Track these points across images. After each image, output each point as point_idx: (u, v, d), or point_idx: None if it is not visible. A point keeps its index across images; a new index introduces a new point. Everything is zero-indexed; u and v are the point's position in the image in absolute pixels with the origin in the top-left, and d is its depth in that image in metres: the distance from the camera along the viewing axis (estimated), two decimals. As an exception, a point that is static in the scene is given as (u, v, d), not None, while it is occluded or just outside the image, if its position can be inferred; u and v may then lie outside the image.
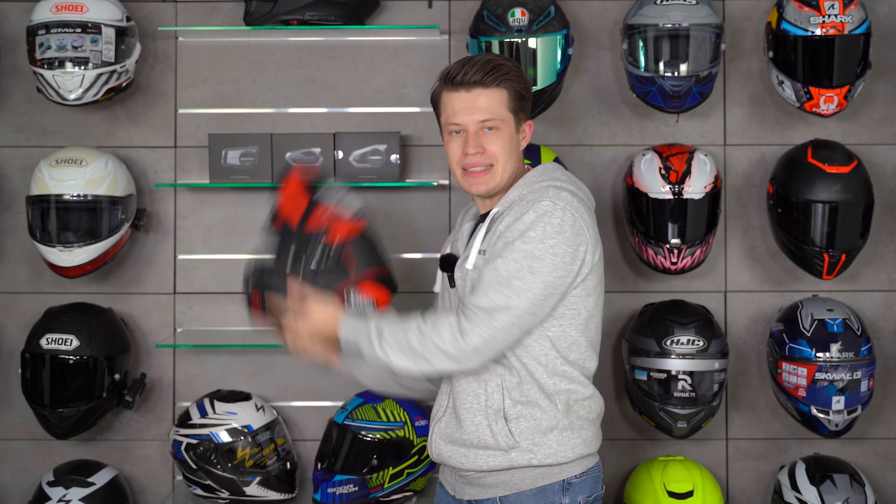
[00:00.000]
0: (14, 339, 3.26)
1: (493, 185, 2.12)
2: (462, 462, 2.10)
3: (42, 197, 3.04)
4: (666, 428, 3.05)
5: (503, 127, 2.11)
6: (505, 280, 1.99)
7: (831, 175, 3.01)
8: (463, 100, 2.10)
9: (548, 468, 2.07)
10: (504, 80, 2.10)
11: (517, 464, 2.06)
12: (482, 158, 2.10)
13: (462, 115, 2.11)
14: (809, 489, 3.01)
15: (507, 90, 2.11)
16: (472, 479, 2.12)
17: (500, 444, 2.05)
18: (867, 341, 3.02)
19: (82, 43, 3.02)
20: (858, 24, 3.00)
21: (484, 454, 2.07)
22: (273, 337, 2.18)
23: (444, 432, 2.13)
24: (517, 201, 2.09)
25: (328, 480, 2.95)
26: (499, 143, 2.10)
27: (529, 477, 2.07)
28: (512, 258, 2.00)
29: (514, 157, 2.13)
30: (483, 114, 2.09)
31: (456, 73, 2.11)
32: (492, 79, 2.09)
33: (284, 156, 3.10)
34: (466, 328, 1.99)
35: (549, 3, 3.04)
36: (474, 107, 2.09)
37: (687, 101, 3.03)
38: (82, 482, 3.07)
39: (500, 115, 2.10)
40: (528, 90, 2.16)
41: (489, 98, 2.09)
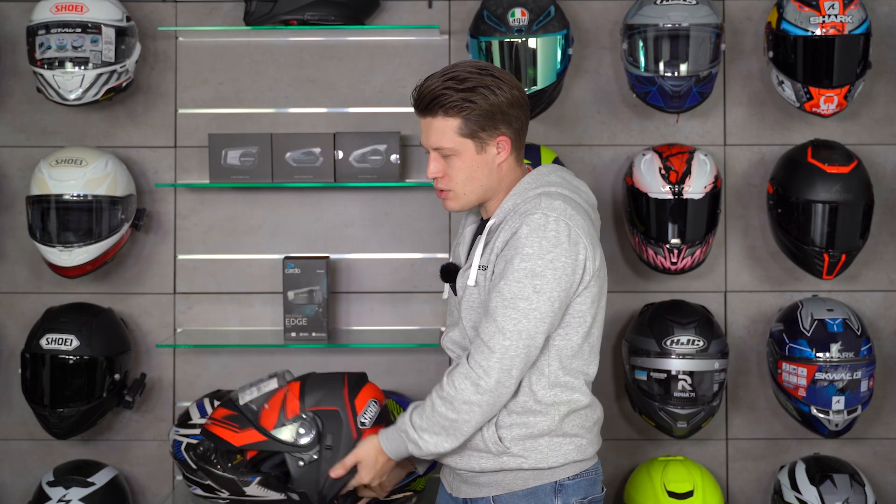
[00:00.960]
0: (14, 339, 3.26)
1: (461, 205, 2.14)
2: (457, 461, 2.13)
3: (42, 197, 3.03)
4: (666, 428, 3.05)
5: (459, 153, 2.08)
6: (511, 303, 1.98)
7: (831, 175, 3.01)
8: (422, 126, 2.12)
9: (538, 471, 2.08)
10: (450, 110, 2.05)
11: (508, 466, 2.08)
12: (440, 183, 2.13)
13: (422, 136, 2.14)
14: (809, 489, 3.01)
15: (458, 118, 2.05)
16: (467, 478, 2.15)
17: (491, 449, 2.07)
18: (867, 341, 3.01)
19: (82, 43, 3.01)
20: (858, 24, 3.00)
21: (476, 455, 2.10)
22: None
23: None
24: (511, 212, 2.08)
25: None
26: (455, 169, 2.09)
27: (521, 478, 2.08)
28: (514, 279, 1.98)
29: (479, 178, 2.10)
30: (436, 140, 2.09)
31: (414, 94, 2.11)
32: (437, 108, 2.06)
33: (284, 156, 3.10)
34: (479, 370, 2.00)
35: (549, 3, 3.04)
36: (428, 133, 2.11)
37: (687, 102, 3.03)
38: (82, 482, 3.06)
39: (452, 142, 2.07)
40: (493, 107, 2.05)
41: (438, 127, 2.08)
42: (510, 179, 2.14)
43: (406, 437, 2.08)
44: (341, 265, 3.27)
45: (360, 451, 2.14)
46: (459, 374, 2.02)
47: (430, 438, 2.05)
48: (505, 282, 1.99)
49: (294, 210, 3.30)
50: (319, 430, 2.19)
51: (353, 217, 3.29)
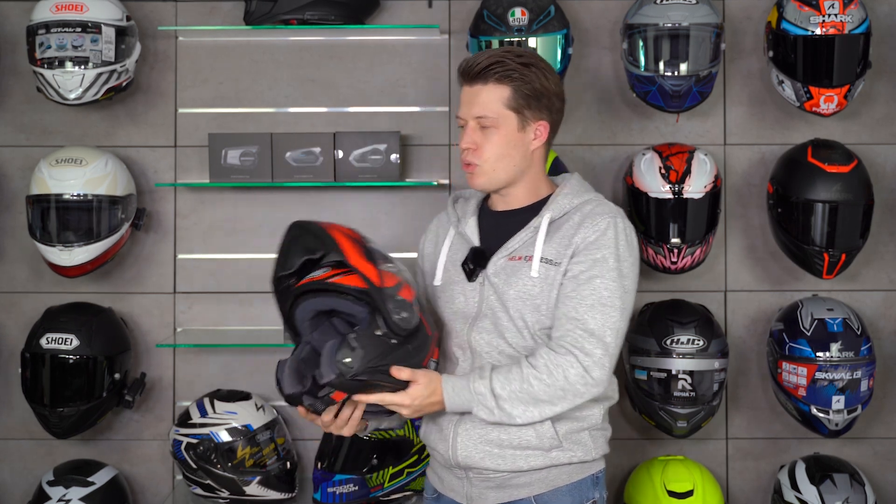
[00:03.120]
0: (14, 339, 3.26)
1: (487, 181, 2.11)
2: (497, 464, 2.05)
3: (42, 196, 3.04)
4: (666, 427, 3.05)
5: (500, 125, 2.07)
6: (609, 302, 2.00)
7: (831, 175, 3.01)
8: (466, 93, 2.11)
9: (583, 464, 2.09)
10: (505, 78, 2.06)
11: (558, 462, 2.05)
12: (472, 156, 2.09)
13: (462, 108, 2.11)
14: (809, 489, 3.01)
15: (509, 87, 2.06)
16: (503, 481, 2.08)
17: (543, 445, 2.04)
18: (867, 341, 3.01)
19: (82, 42, 3.01)
20: (858, 24, 3.00)
21: (523, 454, 2.04)
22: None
23: (474, 433, 2.07)
24: (573, 210, 2.09)
25: (328, 480, 2.95)
26: (490, 143, 2.08)
27: (566, 473, 2.07)
28: (609, 278, 2.01)
29: (512, 157, 2.10)
30: (479, 109, 2.07)
31: (464, 65, 2.10)
32: (491, 74, 2.06)
33: (284, 155, 3.11)
34: (589, 362, 1.98)
35: (548, 3, 3.04)
36: (473, 101, 2.09)
37: (687, 101, 3.03)
38: (82, 482, 3.06)
39: (495, 112, 2.07)
40: (543, 88, 2.08)
41: (487, 94, 2.07)
42: (536, 171, 2.14)
43: (480, 399, 1.99)
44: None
45: (421, 377, 1.99)
46: (565, 362, 1.98)
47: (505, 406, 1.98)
48: (602, 280, 2.00)
49: (294, 210, 3.27)
50: (416, 325, 2.00)
51: (353, 217, 3.27)
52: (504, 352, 2.07)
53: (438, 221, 2.32)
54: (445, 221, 2.28)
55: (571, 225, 2.07)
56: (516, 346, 2.06)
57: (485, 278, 2.10)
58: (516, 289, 2.06)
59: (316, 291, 2.00)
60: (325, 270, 2.01)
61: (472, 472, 2.09)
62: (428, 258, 2.27)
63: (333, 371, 1.91)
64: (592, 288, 2.00)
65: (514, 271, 2.07)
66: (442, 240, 2.24)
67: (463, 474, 2.11)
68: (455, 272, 2.16)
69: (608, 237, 2.03)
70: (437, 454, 2.16)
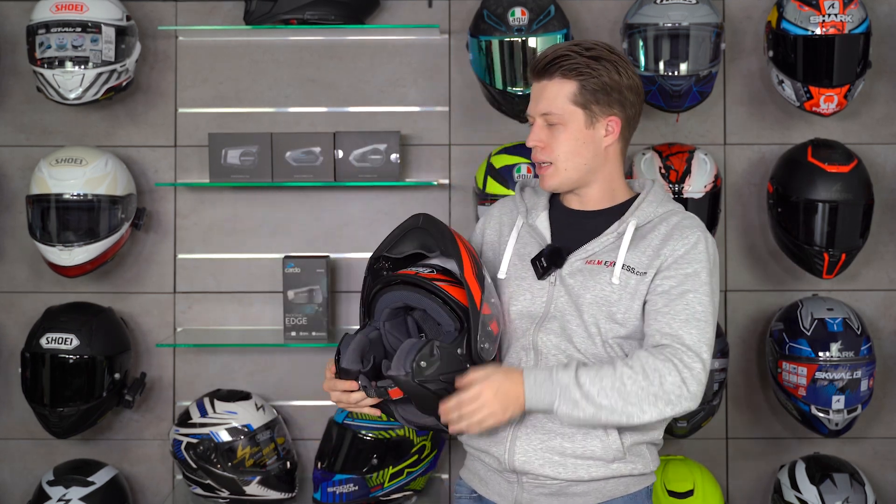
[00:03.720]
0: (14, 339, 3.26)
1: (556, 183, 2.03)
2: (558, 472, 1.96)
3: (42, 196, 3.03)
4: (666, 427, 3.02)
5: (567, 122, 1.99)
6: (703, 317, 1.92)
7: (831, 174, 3.01)
8: (533, 90, 2.04)
9: (640, 476, 2.03)
10: (570, 72, 1.98)
11: (619, 473, 1.98)
12: (541, 154, 2.02)
13: (530, 104, 2.04)
14: (809, 488, 3.01)
15: (576, 82, 1.97)
16: (557, 489, 1.98)
17: (607, 456, 1.95)
18: (867, 341, 3.02)
19: (82, 42, 3.01)
20: (858, 24, 3.00)
21: (585, 464, 1.96)
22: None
23: (534, 438, 1.97)
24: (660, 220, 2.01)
25: (328, 480, 2.95)
26: (560, 140, 2.00)
27: (623, 484, 2.00)
28: (703, 292, 1.93)
29: (583, 154, 2.00)
30: (545, 105, 2.00)
31: (532, 62, 2.04)
32: (556, 68, 1.98)
33: (284, 155, 3.10)
34: (688, 374, 1.87)
35: (549, 3, 3.04)
36: (539, 97, 2.01)
37: (687, 101, 3.02)
38: (82, 481, 3.06)
39: (562, 109, 1.99)
40: (613, 82, 1.99)
41: (552, 90, 1.99)
42: (612, 170, 2.06)
43: (564, 391, 1.85)
44: (341, 264, 3.27)
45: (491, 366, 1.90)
46: (664, 368, 1.87)
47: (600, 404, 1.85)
48: (695, 295, 1.93)
49: (294, 209, 3.30)
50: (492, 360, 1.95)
51: (353, 216, 3.29)
52: (572, 356, 1.97)
53: (503, 207, 2.20)
54: (511, 209, 2.17)
55: (658, 235, 1.99)
56: (585, 353, 1.96)
57: (557, 278, 2.01)
58: (594, 293, 1.96)
59: (415, 286, 1.95)
60: (431, 271, 1.96)
61: (526, 478, 1.99)
62: (490, 246, 2.16)
63: (405, 368, 1.85)
64: (686, 303, 1.92)
65: (592, 275, 1.98)
66: (507, 229, 2.13)
67: (515, 479, 2.01)
68: (522, 267, 2.06)
69: (699, 251, 1.96)
70: (486, 456, 2.04)
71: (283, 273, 3.09)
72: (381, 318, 2.02)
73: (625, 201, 2.07)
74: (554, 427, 1.95)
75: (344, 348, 1.96)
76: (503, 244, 2.11)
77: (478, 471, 2.10)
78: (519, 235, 2.10)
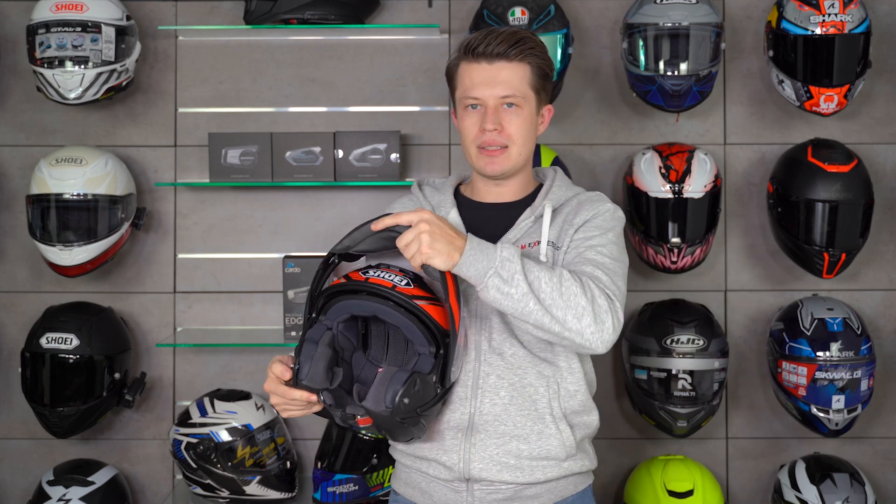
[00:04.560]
0: (14, 339, 3.27)
1: (509, 167, 2.00)
2: (515, 476, 1.93)
3: (42, 196, 3.04)
4: (666, 427, 3.05)
5: (524, 105, 1.98)
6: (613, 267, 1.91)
7: (831, 174, 3.02)
8: (484, 72, 1.96)
9: (586, 473, 2.05)
10: (529, 55, 1.97)
11: (571, 471, 1.98)
12: (499, 137, 1.96)
13: (481, 88, 1.96)
14: (810, 488, 3.01)
15: (530, 65, 1.97)
16: (512, 494, 1.95)
17: (561, 454, 1.95)
18: (867, 340, 3.02)
19: (82, 42, 3.02)
20: (858, 24, 3.00)
21: (541, 465, 1.94)
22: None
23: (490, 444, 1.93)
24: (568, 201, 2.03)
25: (328, 479, 2.95)
26: (517, 123, 1.97)
27: (572, 483, 2.01)
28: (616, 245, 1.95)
29: (531, 140, 2.01)
30: (504, 88, 1.95)
31: (478, 43, 1.96)
32: (516, 51, 1.95)
33: (284, 155, 3.11)
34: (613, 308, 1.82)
35: (549, 2, 3.05)
36: (495, 80, 1.95)
37: (687, 101, 3.03)
38: (82, 481, 3.07)
39: (522, 91, 1.97)
40: (551, 69, 2.02)
41: (511, 72, 1.96)
42: (530, 161, 2.06)
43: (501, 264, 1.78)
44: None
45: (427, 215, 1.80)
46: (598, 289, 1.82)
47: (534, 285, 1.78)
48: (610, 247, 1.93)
49: (294, 209, 3.30)
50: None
51: (354, 216, 3.27)
52: (517, 353, 1.94)
53: (402, 208, 2.13)
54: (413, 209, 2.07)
55: (570, 210, 2.01)
56: (528, 343, 1.94)
57: None
58: None
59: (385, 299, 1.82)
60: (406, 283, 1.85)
61: (478, 485, 1.95)
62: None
63: (386, 403, 1.79)
64: (602, 245, 1.92)
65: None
66: None
67: (464, 487, 1.96)
68: None
69: (605, 216, 1.99)
70: (431, 466, 1.98)
71: (283, 273, 3.08)
72: (336, 319, 1.90)
73: (532, 191, 2.09)
74: (507, 430, 1.92)
75: (306, 360, 1.85)
76: None
77: (418, 483, 2.02)
78: None
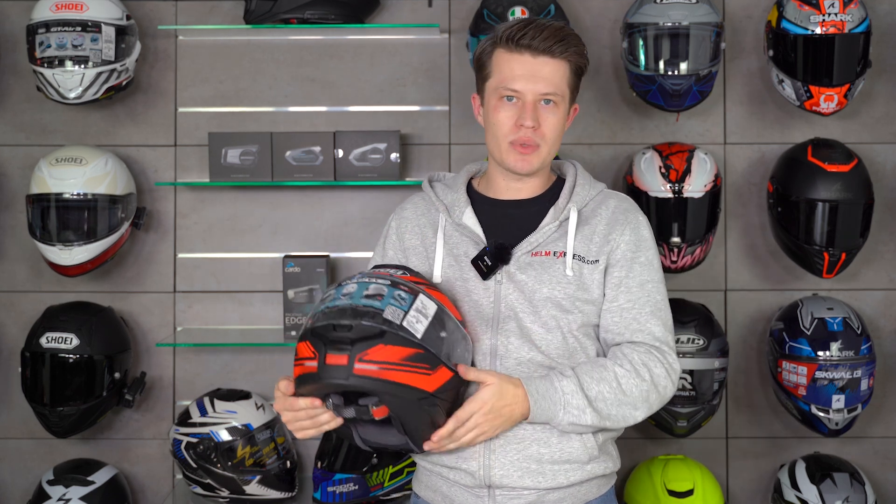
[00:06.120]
0: (14, 338, 3.27)
1: (538, 166, 1.94)
2: (538, 481, 1.88)
3: (42, 196, 3.04)
4: (666, 426, 3.06)
5: (560, 104, 1.91)
6: (663, 304, 1.94)
7: (831, 174, 3.02)
8: (526, 65, 1.88)
9: (608, 476, 2.01)
10: (572, 53, 1.90)
11: (594, 474, 1.94)
12: (534, 135, 1.90)
13: (522, 81, 1.88)
14: (810, 488, 3.02)
15: (570, 64, 1.91)
16: (535, 499, 1.90)
17: (583, 457, 1.91)
18: (867, 340, 3.02)
19: (82, 41, 3.02)
20: (858, 23, 3.01)
21: (563, 469, 1.90)
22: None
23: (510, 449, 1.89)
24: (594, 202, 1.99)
25: (328, 479, 2.95)
26: (552, 122, 1.91)
27: (595, 485, 1.97)
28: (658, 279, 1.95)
29: (560, 139, 1.96)
30: (546, 85, 1.88)
31: (521, 33, 1.88)
32: (561, 48, 1.88)
33: (284, 154, 3.11)
34: (668, 366, 1.89)
35: (549, 2, 3.05)
36: (538, 75, 1.88)
37: (687, 100, 3.04)
38: (82, 481, 3.07)
39: (562, 90, 1.90)
40: (587, 63, 1.96)
41: (554, 69, 1.89)
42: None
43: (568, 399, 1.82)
44: (341, 264, 3.27)
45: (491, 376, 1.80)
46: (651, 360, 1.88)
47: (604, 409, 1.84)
48: (653, 285, 1.94)
49: (294, 209, 3.30)
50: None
51: (353, 216, 3.30)
52: (534, 360, 1.90)
53: (416, 208, 2.07)
54: (427, 208, 2.05)
55: (601, 221, 1.96)
56: (546, 349, 1.90)
57: (503, 276, 1.92)
58: (549, 287, 1.90)
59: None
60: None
61: (500, 491, 1.90)
62: (414, 251, 2.03)
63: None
64: (647, 294, 1.92)
65: (544, 268, 1.91)
66: (430, 230, 2.02)
67: (486, 493, 1.91)
68: (459, 268, 1.95)
69: (644, 237, 1.96)
70: (453, 473, 1.93)
71: (283, 272, 3.10)
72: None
73: (551, 186, 2.02)
74: (527, 434, 1.88)
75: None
76: (430, 247, 2.01)
77: (439, 488, 1.97)
78: (446, 235, 1.99)
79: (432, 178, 2.11)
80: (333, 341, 1.66)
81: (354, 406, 1.74)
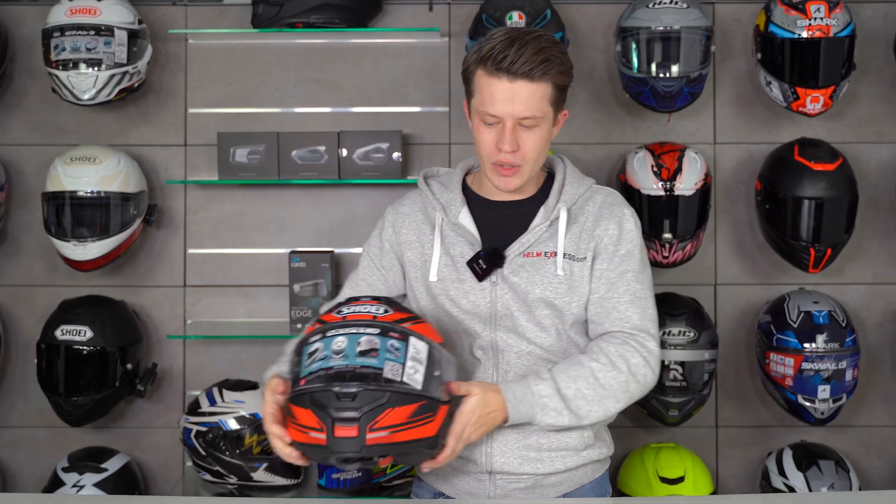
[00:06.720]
0: (30, 330, 3.28)
1: (521, 183, 1.92)
2: (536, 468, 1.92)
3: (57, 193, 3.06)
4: (658, 416, 3.07)
5: (542, 124, 1.87)
6: (643, 294, 1.94)
7: (817, 172, 3.03)
8: (504, 90, 1.83)
9: (605, 461, 2.04)
10: (554, 74, 1.85)
11: (589, 459, 1.97)
12: (514, 158, 1.87)
13: (500, 105, 1.84)
14: (796, 475, 3.04)
15: (551, 84, 1.85)
16: (532, 483, 1.95)
17: (579, 445, 1.94)
18: (852, 332, 3.04)
19: (96, 45, 3.02)
20: (843, 27, 3.02)
21: (560, 455, 1.93)
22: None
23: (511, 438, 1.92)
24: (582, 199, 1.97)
25: (332, 466, 2.93)
26: (532, 142, 1.87)
27: (591, 470, 2.00)
28: (638, 269, 1.94)
29: (545, 152, 1.93)
30: (524, 109, 1.84)
31: (500, 55, 1.82)
32: (540, 71, 1.83)
33: (290, 154, 3.13)
34: (647, 354, 1.89)
35: (545, 7, 3.06)
36: (516, 100, 1.83)
37: (678, 101, 3.04)
38: (96, 468, 3.09)
39: (542, 111, 1.86)
40: (571, 78, 1.92)
41: (532, 91, 1.83)
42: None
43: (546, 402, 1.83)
44: (345, 259, 3.27)
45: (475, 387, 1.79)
46: (627, 351, 1.87)
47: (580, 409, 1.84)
48: (633, 275, 1.93)
49: (300, 206, 3.32)
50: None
51: (357, 212, 3.31)
52: (532, 353, 1.93)
53: (413, 206, 2.06)
54: (424, 206, 2.04)
55: (588, 217, 1.95)
56: (541, 345, 1.94)
57: (498, 277, 1.93)
58: (541, 288, 1.91)
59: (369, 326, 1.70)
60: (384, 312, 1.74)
61: (500, 476, 1.94)
62: (410, 246, 2.02)
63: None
64: (626, 284, 1.92)
65: (536, 269, 1.92)
66: (427, 227, 2.01)
67: (487, 478, 1.95)
68: (455, 268, 1.95)
69: (629, 230, 1.95)
70: (457, 461, 1.93)
71: (290, 267, 3.11)
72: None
73: (542, 185, 2.02)
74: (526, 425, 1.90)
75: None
76: (426, 244, 2.01)
77: (441, 471, 1.98)
78: (443, 234, 1.99)
79: (427, 174, 2.10)
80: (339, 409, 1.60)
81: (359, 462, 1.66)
